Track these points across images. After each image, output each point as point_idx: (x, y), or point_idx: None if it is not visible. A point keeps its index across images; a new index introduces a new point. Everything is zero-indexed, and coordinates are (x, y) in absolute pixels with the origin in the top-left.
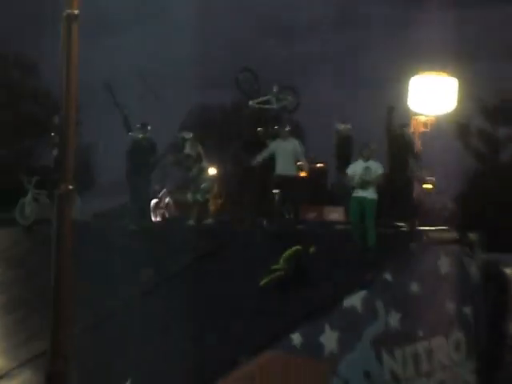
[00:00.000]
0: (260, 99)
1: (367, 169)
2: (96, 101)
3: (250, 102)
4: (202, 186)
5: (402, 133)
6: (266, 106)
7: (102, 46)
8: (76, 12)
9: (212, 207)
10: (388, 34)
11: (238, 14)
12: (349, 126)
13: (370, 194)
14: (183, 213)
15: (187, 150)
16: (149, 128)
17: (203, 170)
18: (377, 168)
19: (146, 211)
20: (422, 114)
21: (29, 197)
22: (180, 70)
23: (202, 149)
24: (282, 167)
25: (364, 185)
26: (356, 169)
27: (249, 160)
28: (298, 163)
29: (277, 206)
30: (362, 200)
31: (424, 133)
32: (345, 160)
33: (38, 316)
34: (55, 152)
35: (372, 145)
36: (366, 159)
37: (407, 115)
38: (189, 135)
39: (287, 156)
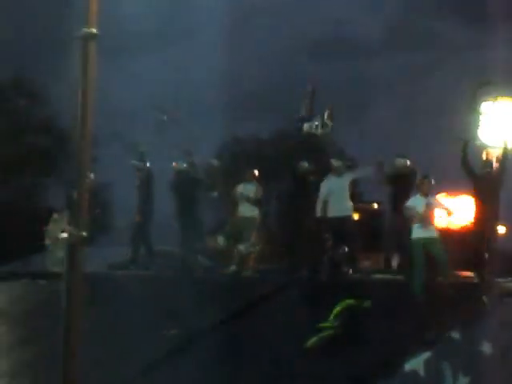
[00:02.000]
0: (309, 124)
1: (429, 205)
2: (114, 133)
3: (306, 126)
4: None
5: (486, 172)
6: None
7: (123, 71)
8: (94, 31)
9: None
10: (455, 56)
11: (281, 34)
12: (407, 161)
13: (434, 232)
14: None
15: (242, 189)
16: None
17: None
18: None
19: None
20: (494, 147)
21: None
22: (209, 97)
23: (261, 190)
24: (338, 207)
25: (427, 223)
26: (415, 204)
27: (296, 200)
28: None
29: (329, 252)
30: (427, 241)
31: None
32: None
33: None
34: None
35: (431, 178)
36: (426, 195)
37: (477, 148)
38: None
39: (343, 194)
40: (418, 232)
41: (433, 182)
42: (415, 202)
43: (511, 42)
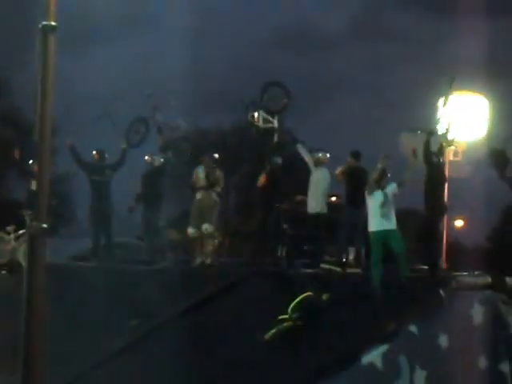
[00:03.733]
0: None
1: (385, 195)
2: (76, 123)
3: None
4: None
5: (438, 162)
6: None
7: (83, 60)
8: (53, 23)
9: (211, 246)
10: (414, 48)
11: (246, 26)
12: (327, 155)
13: (393, 224)
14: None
15: (201, 174)
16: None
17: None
18: (392, 190)
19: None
20: (452, 138)
21: None
22: (175, 88)
23: (220, 174)
24: (315, 204)
25: (385, 214)
26: (373, 198)
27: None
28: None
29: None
30: (385, 233)
31: (455, 162)
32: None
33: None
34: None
35: (388, 172)
36: (382, 188)
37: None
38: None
39: (321, 189)
40: (376, 225)
41: (389, 175)
42: (373, 196)
43: (473, 34)
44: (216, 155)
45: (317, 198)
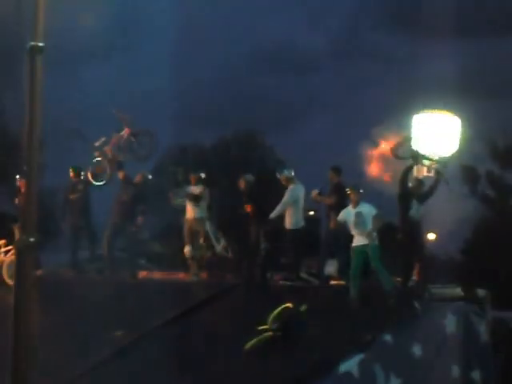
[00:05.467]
0: None
1: (359, 214)
2: (62, 139)
3: None
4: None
5: (406, 176)
6: None
7: (69, 79)
8: (41, 44)
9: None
10: (388, 69)
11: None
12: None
13: (372, 240)
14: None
15: (189, 188)
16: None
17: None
18: (369, 211)
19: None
20: (424, 157)
21: None
22: (156, 107)
23: (206, 190)
24: (295, 220)
25: (361, 232)
26: (346, 216)
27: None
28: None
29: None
30: (363, 249)
31: (427, 177)
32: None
33: None
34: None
35: (360, 188)
36: (356, 204)
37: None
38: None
39: (298, 205)
40: (357, 240)
41: (361, 191)
42: (346, 214)
43: (446, 55)
44: (202, 174)
45: (295, 213)
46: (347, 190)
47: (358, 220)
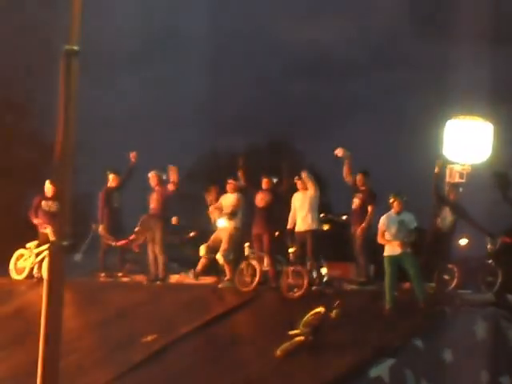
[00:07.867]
0: None
1: (402, 223)
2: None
3: None
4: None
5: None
6: None
7: (106, 86)
8: (76, 48)
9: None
10: (424, 76)
11: (264, 56)
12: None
13: (406, 248)
14: None
15: (223, 201)
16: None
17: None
18: (411, 221)
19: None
20: (457, 163)
21: None
22: (193, 113)
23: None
24: (301, 222)
25: (400, 240)
26: (389, 222)
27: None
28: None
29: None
30: (400, 258)
31: (460, 184)
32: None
33: None
34: None
35: (404, 196)
36: (399, 212)
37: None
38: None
39: (306, 208)
40: (391, 249)
41: (405, 199)
42: (389, 220)
43: (478, 60)
44: (236, 182)
45: (309, 215)
46: (390, 197)
47: (400, 228)
